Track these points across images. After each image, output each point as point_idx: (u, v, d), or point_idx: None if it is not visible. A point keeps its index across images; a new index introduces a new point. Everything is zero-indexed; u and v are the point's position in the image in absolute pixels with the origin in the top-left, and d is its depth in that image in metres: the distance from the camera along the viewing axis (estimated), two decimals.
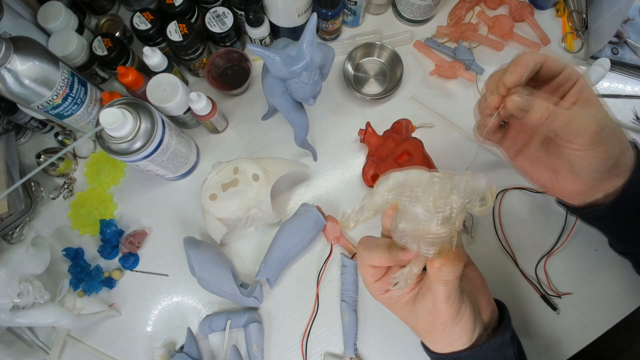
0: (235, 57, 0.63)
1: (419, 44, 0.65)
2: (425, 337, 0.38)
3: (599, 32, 0.62)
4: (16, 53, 0.43)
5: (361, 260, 0.37)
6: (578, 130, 0.35)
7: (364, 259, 0.36)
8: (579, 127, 0.35)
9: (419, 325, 0.37)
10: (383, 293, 0.37)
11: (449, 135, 0.61)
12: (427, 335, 0.38)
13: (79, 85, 0.51)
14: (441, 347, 0.37)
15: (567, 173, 0.40)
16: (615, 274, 0.53)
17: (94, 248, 0.58)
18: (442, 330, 0.35)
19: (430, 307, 0.34)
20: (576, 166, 0.38)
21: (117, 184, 0.61)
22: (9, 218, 0.56)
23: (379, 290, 0.37)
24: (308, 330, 0.54)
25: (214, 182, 0.51)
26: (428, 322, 0.36)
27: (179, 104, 0.54)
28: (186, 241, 0.53)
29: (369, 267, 0.36)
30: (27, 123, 0.61)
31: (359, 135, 0.58)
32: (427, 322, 0.36)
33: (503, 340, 0.36)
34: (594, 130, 0.35)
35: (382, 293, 0.37)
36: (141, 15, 0.57)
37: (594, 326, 0.52)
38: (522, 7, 0.65)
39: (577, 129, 0.35)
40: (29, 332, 0.55)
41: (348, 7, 0.62)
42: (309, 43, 0.42)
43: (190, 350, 0.52)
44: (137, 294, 0.57)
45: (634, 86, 0.63)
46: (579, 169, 0.38)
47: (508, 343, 0.37)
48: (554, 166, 0.42)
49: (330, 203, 0.59)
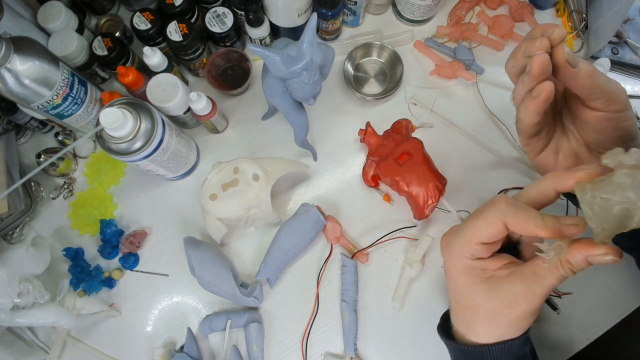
0: (235, 57, 0.63)
1: (419, 44, 0.65)
2: (485, 321, 0.35)
3: (599, 32, 0.62)
4: (16, 53, 0.43)
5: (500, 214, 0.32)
6: (614, 89, 0.37)
7: (506, 215, 0.32)
8: (614, 87, 0.37)
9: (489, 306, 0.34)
10: (473, 259, 0.34)
11: (449, 135, 0.61)
12: (488, 320, 0.35)
13: (79, 85, 0.51)
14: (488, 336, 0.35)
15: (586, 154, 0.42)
16: (615, 273, 0.53)
17: (94, 248, 0.58)
18: (515, 319, 0.34)
19: (525, 292, 0.32)
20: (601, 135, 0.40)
21: (117, 184, 0.61)
22: (9, 218, 0.56)
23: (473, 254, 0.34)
24: (308, 330, 0.54)
25: (214, 182, 0.51)
26: (506, 306, 0.33)
27: (179, 104, 0.54)
28: (186, 241, 0.53)
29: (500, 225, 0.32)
30: (27, 123, 0.61)
31: (359, 135, 0.58)
32: (505, 306, 0.33)
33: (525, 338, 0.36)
34: (624, 98, 0.37)
35: (472, 258, 0.34)
36: (141, 15, 0.57)
37: (594, 326, 0.52)
38: (522, 7, 0.65)
39: (613, 89, 0.37)
40: (29, 332, 0.55)
41: (348, 7, 0.62)
42: (309, 43, 0.41)
43: (190, 350, 0.52)
44: (137, 294, 0.57)
45: (634, 86, 0.63)
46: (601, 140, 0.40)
47: (528, 340, 0.37)
48: (575, 151, 0.43)
49: (330, 203, 0.59)
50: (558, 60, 0.36)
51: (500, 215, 0.32)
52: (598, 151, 0.42)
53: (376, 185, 0.58)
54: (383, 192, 0.58)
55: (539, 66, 0.36)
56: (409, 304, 0.54)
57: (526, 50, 0.37)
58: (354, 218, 0.58)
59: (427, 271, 0.55)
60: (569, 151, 0.45)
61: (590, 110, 0.39)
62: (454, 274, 0.36)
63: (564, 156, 0.45)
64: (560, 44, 0.36)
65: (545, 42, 0.36)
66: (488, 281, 0.34)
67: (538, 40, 0.36)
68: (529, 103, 0.38)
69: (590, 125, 0.40)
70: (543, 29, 0.37)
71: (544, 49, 0.36)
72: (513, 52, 0.39)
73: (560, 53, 0.36)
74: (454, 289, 0.37)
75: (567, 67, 0.36)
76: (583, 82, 0.36)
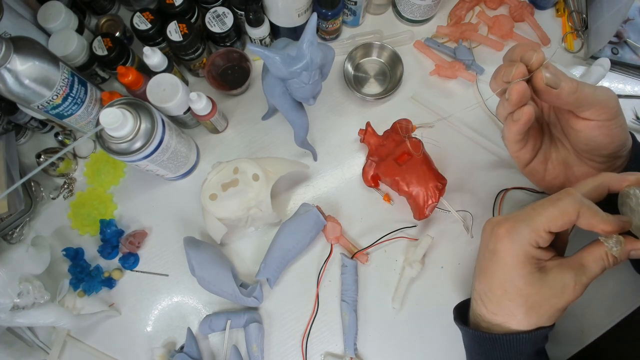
0: (235, 57, 0.63)
1: (419, 44, 0.65)
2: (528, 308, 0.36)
3: (599, 32, 0.62)
4: (16, 53, 0.43)
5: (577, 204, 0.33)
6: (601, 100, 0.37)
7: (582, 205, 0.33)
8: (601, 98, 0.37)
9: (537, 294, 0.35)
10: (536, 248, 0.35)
11: (449, 135, 0.61)
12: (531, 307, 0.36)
13: (79, 85, 0.51)
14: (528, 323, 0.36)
15: (576, 161, 0.43)
16: (615, 274, 0.53)
17: (94, 248, 0.58)
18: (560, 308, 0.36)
19: (573, 282, 0.35)
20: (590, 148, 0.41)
21: (117, 184, 0.61)
22: (9, 218, 0.56)
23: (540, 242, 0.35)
24: (308, 330, 0.54)
25: (214, 182, 0.51)
26: (554, 296, 0.35)
27: (179, 104, 0.54)
28: (186, 241, 0.53)
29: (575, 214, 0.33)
30: (27, 123, 0.61)
31: (359, 135, 0.58)
32: (553, 296, 0.35)
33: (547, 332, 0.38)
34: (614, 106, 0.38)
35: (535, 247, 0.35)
36: (141, 15, 0.57)
37: (594, 326, 0.52)
38: (522, 7, 0.65)
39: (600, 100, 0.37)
40: (29, 332, 0.55)
41: (348, 7, 0.62)
42: (309, 43, 0.41)
43: (190, 350, 0.52)
44: (137, 294, 0.57)
45: (634, 86, 0.63)
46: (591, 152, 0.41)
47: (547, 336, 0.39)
48: (564, 159, 0.44)
49: (330, 203, 0.59)
50: (537, 85, 0.36)
51: (578, 204, 0.34)
52: (589, 158, 0.43)
53: (376, 185, 0.58)
54: (383, 192, 0.58)
55: (517, 95, 0.37)
56: (409, 304, 0.54)
57: (504, 76, 0.38)
58: (354, 218, 0.58)
59: (427, 271, 0.55)
60: (558, 160, 0.46)
61: (581, 119, 0.40)
62: (510, 261, 0.36)
63: (552, 165, 0.46)
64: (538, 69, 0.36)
65: (522, 69, 0.36)
66: (541, 271, 0.36)
67: (515, 67, 0.36)
68: (510, 125, 0.39)
69: (582, 134, 0.41)
70: (522, 51, 0.37)
71: (521, 75, 0.36)
72: (494, 74, 0.39)
73: (538, 79, 0.36)
74: (502, 277, 0.37)
75: (548, 91, 0.36)
76: (567, 99, 0.37)
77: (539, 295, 0.36)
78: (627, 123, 0.60)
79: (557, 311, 0.36)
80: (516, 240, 0.36)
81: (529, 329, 0.37)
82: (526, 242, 0.35)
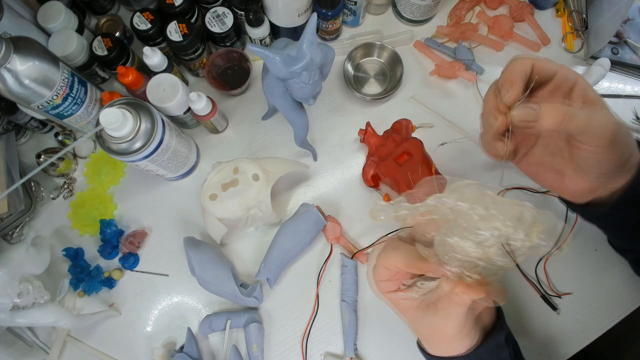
0: (235, 57, 0.63)
1: (419, 44, 0.65)
2: (425, 342, 0.39)
3: (599, 32, 0.62)
4: (16, 53, 0.43)
5: (385, 259, 0.36)
6: (596, 130, 0.34)
7: (390, 259, 0.36)
8: (597, 127, 0.34)
9: (420, 331, 0.38)
10: (391, 292, 0.38)
11: (449, 135, 0.61)
12: (426, 341, 0.39)
13: (79, 85, 0.51)
14: (438, 352, 0.38)
15: (573, 173, 0.39)
16: (615, 274, 0.53)
17: (94, 248, 0.58)
18: (442, 342, 0.37)
19: (435, 322, 0.35)
20: (587, 166, 0.37)
21: (117, 184, 0.61)
22: (9, 218, 0.56)
23: (388, 288, 0.37)
24: (308, 330, 0.54)
25: (214, 182, 0.51)
26: (435, 330, 0.36)
27: (179, 104, 0.54)
28: (186, 241, 0.53)
29: (390, 269, 0.36)
30: (27, 123, 0.61)
31: (359, 135, 0.58)
32: (434, 330, 0.36)
33: (498, 342, 0.36)
34: (612, 130, 0.34)
35: (389, 292, 0.38)
36: (141, 15, 0.57)
37: (594, 326, 0.52)
38: (522, 7, 0.65)
39: (595, 130, 0.34)
40: (29, 332, 0.55)
41: (348, 7, 0.62)
42: (309, 43, 0.41)
43: (190, 350, 0.52)
44: (137, 294, 0.57)
45: (634, 86, 0.63)
46: (588, 169, 0.37)
47: (503, 344, 0.37)
48: (559, 167, 0.41)
49: (330, 203, 0.59)
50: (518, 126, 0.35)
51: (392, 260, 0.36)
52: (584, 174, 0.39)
53: (376, 185, 0.58)
54: (383, 192, 0.58)
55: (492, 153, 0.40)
56: None
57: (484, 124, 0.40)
58: (354, 218, 0.58)
59: None
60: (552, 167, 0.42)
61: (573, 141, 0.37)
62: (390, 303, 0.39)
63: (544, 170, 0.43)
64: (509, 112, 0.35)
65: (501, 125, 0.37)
66: (417, 309, 0.37)
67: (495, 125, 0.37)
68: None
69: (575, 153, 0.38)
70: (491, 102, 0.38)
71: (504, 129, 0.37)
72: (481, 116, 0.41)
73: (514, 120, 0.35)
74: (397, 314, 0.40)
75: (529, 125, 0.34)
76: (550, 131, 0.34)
77: (416, 327, 0.38)
78: (627, 123, 0.60)
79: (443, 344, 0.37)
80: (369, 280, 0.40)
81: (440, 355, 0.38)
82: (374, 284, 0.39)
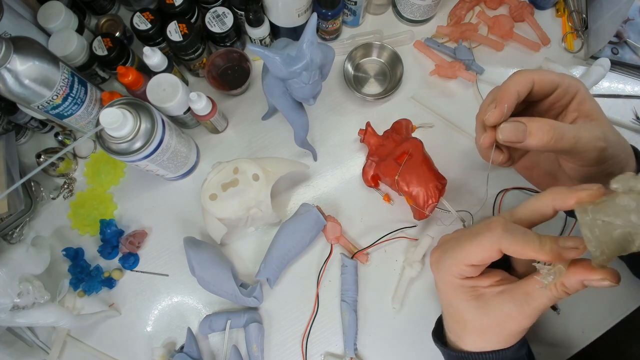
0: (235, 57, 0.63)
1: (419, 44, 0.65)
2: (476, 335, 0.35)
3: (599, 32, 0.62)
4: (16, 53, 0.43)
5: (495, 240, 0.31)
6: (582, 150, 0.33)
7: (501, 241, 0.31)
8: (583, 147, 0.32)
9: (479, 322, 0.34)
10: (462, 278, 0.34)
11: (449, 135, 0.61)
12: (479, 335, 0.35)
13: (79, 85, 0.51)
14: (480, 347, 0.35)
15: (565, 179, 0.39)
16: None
17: (94, 248, 0.58)
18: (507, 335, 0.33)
19: (516, 312, 0.32)
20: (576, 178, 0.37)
21: (117, 184, 0.61)
22: (9, 218, 0.56)
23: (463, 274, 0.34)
24: (308, 330, 0.54)
25: (214, 182, 0.51)
26: (497, 324, 0.33)
27: (179, 104, 0.54)
28: (186, 241, 0.53)
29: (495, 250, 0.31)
30: (27, 123, 0.61)
31: (359, 135, 0.58)
32: (496, 324, 0.33)
33: (522, 341, 0.35)
34: (600, 147, 0.33)
35: (461, 278, 0.34)
36: (141, 15, 0.57)
37: (594, 326, 0.52)
38: (522, 7, 0.65)
39: (580, 150, 0.33)
40: (29, 332, 0.55)
41: (348, 7, 0.62)
42: (309, 43, 0.41)
43: (190, 350, 0.52)
44: (137, 294, 0.57)
45: (634, 86, 0.63)
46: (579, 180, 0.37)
47: (524, 343, 0.37)
48: (551, 171, 0.41)
49: (330, 203, 0.59)
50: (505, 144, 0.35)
51: (496, 241, 0.31)
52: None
53: (376, 185, 0.58)
54: (383, 192, 0.58)
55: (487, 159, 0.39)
56: (409, 304, 0.54)
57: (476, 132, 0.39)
58: (354, 218, 0.58)
59: (427, 271, 0.55)
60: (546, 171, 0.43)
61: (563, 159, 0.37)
62: (444, 289, 0.36)
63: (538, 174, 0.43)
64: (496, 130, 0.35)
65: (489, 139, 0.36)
66: (478, 299, 0.34)
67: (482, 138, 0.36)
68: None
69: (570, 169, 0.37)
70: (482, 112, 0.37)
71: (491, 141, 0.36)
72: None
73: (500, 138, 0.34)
74: (444, 303, 0.37)
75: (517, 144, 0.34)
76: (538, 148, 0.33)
77: (478, 323, 0.34)
78: (627, 123, 0.60)
79: (505, 338, 0.34)
80: (441, 270, 0.35)
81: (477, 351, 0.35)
82: (450, 273, 0.34)
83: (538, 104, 0.38)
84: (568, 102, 0.36)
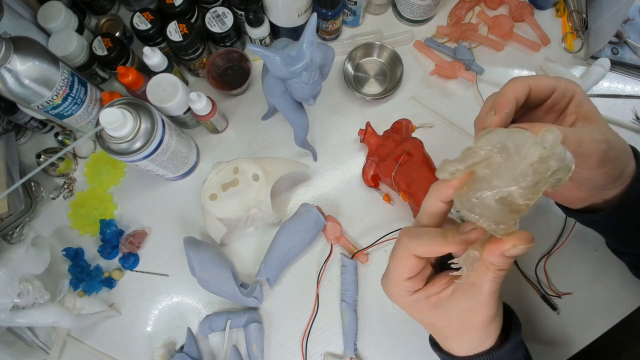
0: (235, 57, 0.63)
1: (419, 44, 0.65)
2: (455, 338, 0.35)
3: (599, 32, 0.62)
4: (16, 53, 0.43)
5: (406, 249, 0.32)
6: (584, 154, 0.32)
7: (410, 248, 0.32)
8: (585, 150, 0.32)
9: (451, 326, 0.34)
10: (411, 294, 0.34)
11: (449, 135, 0.61)
12: (457, 337, 0.35)
13: (79, 85, 0.51)
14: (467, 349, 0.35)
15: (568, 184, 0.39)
16: (615, 274, 0.53)
17: (94, 248, 0.58)
18: (479, 329, 0.33)
19: (472, 304, 0.32)
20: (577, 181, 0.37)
21: (117, 184, 0.61)
22: (9, 218, 0.56)
23: (408, 290, 0.34)
24: (308, 330, 0.54)
25: (214, 182, 0.51)
26: (464, 322, 0.33)
27: (179, 104, 0.54)
28: (186, 241, 0.53)
29: (412, 258, 0.32)
30: (27, 123, 0.61)
31: (359, 135, 0.58)
32: (463, 322, 0.33)
33: (517, 343, 0.35)
34: (602, 150, 0.32)
35: (410, 294, 0.34)
36: (141, 15, 0.57)
37: (594, 326, 0.52)
38: (522, 7, 0.65)
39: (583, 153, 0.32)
40: (29, 332, 0.55)
41: (348, 7, 0.62)
42: (309, 43, 0.41)
43: (190, 350, 0.52)
44: (137, 294, 0.57)
45: (634, 86, 0.63)
46: (580, 183, 0.37)
47: (520, 344, 0.36)
48: None
49: (330, 203, 0.59)
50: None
51: (407, 249, 0.32)
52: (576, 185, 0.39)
53: (376, 185, 0.58)
54: (383, 192, 0.58)
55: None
56: None
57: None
58: (354, 218, 0.58)
59: None
60: None
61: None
62: (405, 309, 0.37)
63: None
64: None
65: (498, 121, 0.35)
66: (437, 305, 0.34)
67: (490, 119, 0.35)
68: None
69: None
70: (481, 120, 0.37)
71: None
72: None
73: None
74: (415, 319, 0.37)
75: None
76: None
77: (450, 327, 0.34)
78: (627, 123, 0.60)
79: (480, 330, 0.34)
80: (390, 294, 0.36)
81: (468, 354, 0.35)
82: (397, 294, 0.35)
83: (536, 109, 0.38)
84: (566, 105, 0.36)
